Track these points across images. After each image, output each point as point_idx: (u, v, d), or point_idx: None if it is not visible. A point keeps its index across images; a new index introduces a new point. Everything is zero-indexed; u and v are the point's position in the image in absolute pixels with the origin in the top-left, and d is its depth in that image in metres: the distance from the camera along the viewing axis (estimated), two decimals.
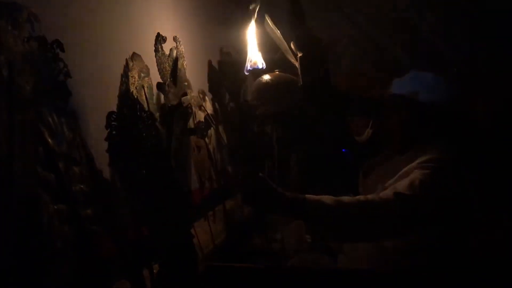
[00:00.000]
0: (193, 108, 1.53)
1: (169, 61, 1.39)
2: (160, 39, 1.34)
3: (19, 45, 0.68)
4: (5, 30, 0.65)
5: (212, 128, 1.60)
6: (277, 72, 1.64)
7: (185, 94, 1.41)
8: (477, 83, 2.24)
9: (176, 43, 1.44)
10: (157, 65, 1.33)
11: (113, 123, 0.85)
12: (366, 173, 1.56)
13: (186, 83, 1.50)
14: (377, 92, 1.75)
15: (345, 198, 1.24)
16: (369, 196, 1.28)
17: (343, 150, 1.99)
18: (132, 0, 1.38)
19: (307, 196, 1.23)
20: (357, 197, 1.26)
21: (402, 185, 1.26)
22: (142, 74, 1.29)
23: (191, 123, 1.52)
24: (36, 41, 0.73)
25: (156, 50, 1.33)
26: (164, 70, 1.36)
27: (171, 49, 1.41)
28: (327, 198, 1.23)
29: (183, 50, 1.47)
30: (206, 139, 1.57)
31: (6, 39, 0.65)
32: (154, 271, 0.95)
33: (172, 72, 1.38)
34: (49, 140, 0.82)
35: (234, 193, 1.83)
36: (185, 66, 1.48)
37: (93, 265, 0.80)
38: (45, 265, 0.76)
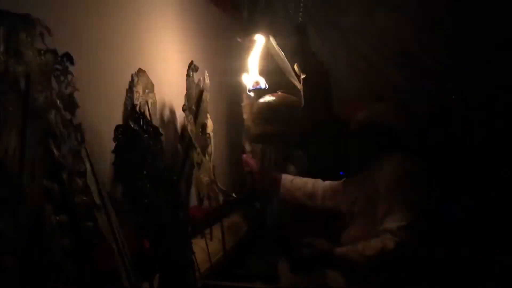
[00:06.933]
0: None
1: (196, 89, 1.51)
2: (192, 67, 1.46)
3: (36, 57, 0.70)
4: (25, 43, 0.67)
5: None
6: (279, 93, 1.66)
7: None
8: (473, 109, 2.29)
9: (204, 76, 1.54)
10: (186, 89, 1.44)
11: (120, 136, 0.87)
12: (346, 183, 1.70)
13: (208, 113, 1.59)
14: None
15: (368, 249, 1.38)
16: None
17: (341, 173, 2.00)
18: (140, 18, 1.41)
19: (337, 250, 1.43)
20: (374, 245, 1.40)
21: (373, 247, 1.39)
22: (147, 90, 1.31)
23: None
24: (51, 54, 0.74)
25: (188, 75, 1.45)
26: (190, 95, 1.47)
27: (199, 79, 1.52)
28: (352, 251, 1.41)
29: (208, 83, 1.57)
30: (207, 156, 1.58)
31: (26, 52, 0.67)
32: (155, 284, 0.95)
33: (197, 102, 1.50)
34: (55, 151, 0.82)
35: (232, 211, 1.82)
36: (207, 100, 1.56)
37: (93, 277, 0.80)
38: (45, 276, 0.76)
